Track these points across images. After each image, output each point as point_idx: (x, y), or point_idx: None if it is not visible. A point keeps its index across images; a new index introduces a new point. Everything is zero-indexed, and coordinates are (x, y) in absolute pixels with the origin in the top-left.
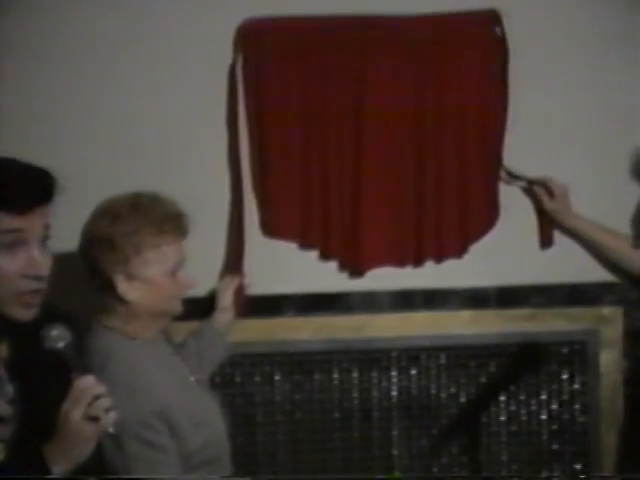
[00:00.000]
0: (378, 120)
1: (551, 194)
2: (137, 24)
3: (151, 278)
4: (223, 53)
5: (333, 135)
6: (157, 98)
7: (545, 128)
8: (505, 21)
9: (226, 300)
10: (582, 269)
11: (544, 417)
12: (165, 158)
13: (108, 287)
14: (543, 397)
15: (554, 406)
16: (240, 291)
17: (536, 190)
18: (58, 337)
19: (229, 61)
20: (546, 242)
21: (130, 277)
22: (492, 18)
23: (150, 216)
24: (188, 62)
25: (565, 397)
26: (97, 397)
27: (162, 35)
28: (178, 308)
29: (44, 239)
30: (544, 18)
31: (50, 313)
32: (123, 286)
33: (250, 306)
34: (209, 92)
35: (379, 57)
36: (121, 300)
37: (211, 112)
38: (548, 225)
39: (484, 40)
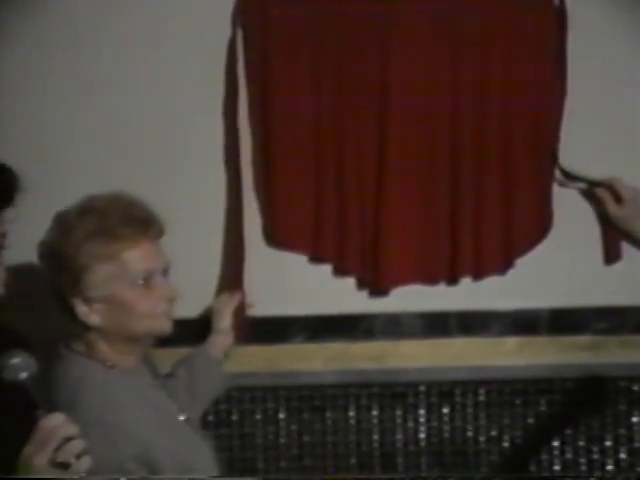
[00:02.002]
0: (405, 107)
1: (618, 198)
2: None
3: (115, 295)
4: (220, 27)
5: (351, 125)
6: (141, 84)
7: (609, 119)
8: None
9: (224, 322)
10: None
11: (610, 468)
12: (151, 153)
13: (68, 311)
14: (608, 444)
15: (622, 455)
16: (240, 312)
17: (599, 194)
18: (19, 367)
19: (227, 36)
20: (612, 256)
21: (88, 299)
22: None
23: (103, 221)
24: (178, 40)
25: (636, 444)
26: (67, 439)
27: (150, 14)
28: (164, 327)
29: None
30: None
31: (9, 338)
32: (82, 310)
33: (252, 330)
34: (203, 74)
35: (406, 30)
36: (85, 325)
37: (206, 97)
38: (614, 236)
39: (539, 7)
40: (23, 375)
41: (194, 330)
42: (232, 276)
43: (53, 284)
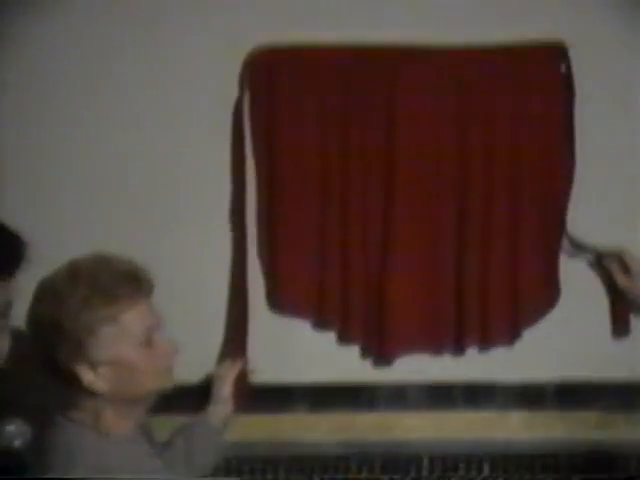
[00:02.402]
0: (411, 173)
1: (627, 270)
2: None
3: (120, 357)
4: (228, 87)
5: (356, 190)
6: (143, 137)
7: (618, 188)
8: (572, 56)
9: (225, 390)
10: None
11: None
12: (153, 212)
13: (71, 380)
14: None
15: None
16: (242, 379)
17: (608, 264)
18: (14, 434)
19: (235, 97)
20: (620, 329)
21: (94, 364)
22: (556, 52)
23: (96, 284)
24: (186, 96)
25: None
26: None
27: (157, 67)
28: (169, 382)
29: (3, 317)
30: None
31: (4, 405)
32: (88, 377)
33: (253, 398)
34: (210, 132)
35: (414, 95)
36: (90, 393)
37: (211, 158)
38: (623, 308)
39: (546, 77)
40: (17, 442)
41: (194, 397)
42: (235, 342)
43: (50, 355)
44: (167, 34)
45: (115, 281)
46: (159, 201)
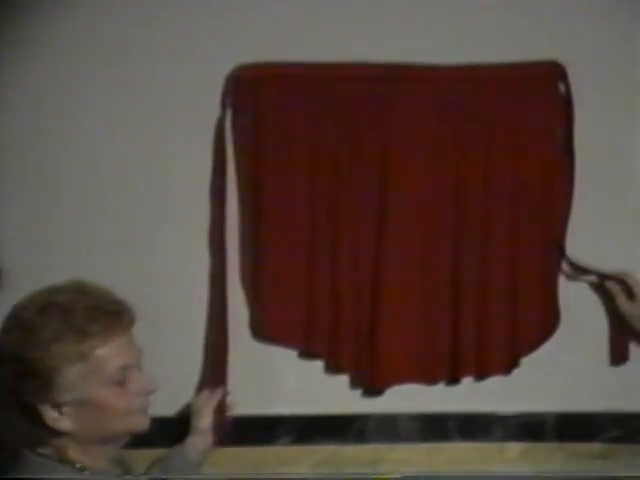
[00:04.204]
0: (405, 199)
1: (630, 294)
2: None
3: (88, 397)
4: (210, 106)
5: (347, 215)
6: (122, 159)
7: (619, 208)
8: (572, 75)
9: (204, 421)
10: None
11: None
12: (130, 238)
13: (34, 417)
14: None
15: None
16: (222, 410)
17: (610, 288)
18: None
19: (216, 116)
20: (619, 356)
21: (59, 403)
22: (554, 71)
23: (69, 318)
24: (168, 116)
25: None
26: None
27: (137, 89)
28: (141, 424)
29: None
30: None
31: None
32: (52, 416)
33: (234, 430)
34: (190, 152)
35: (408, 117)
36: (54, 431)
37: (193, 181)
38: (623, 335)
39: (545, 99)
40: None
41: (171, 430)
42: (214, 371)
43: (15, 390)
44: (147, 55)
45: (90, 316)
46: (136, 225)
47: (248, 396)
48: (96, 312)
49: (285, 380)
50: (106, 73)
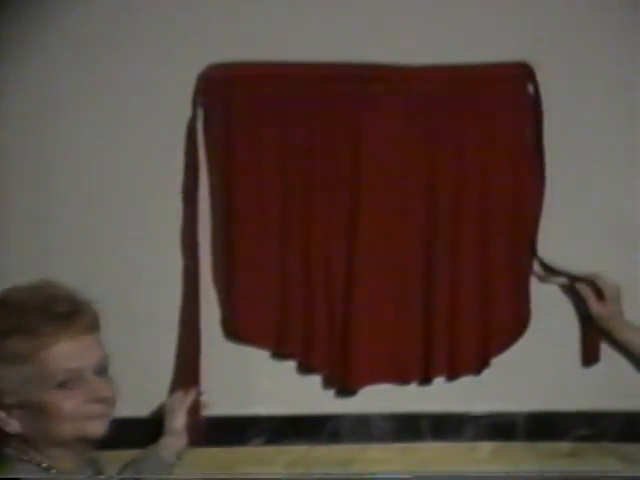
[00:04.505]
0: (377, 198)
1: (600, 295)
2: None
3: (30, 400)
4: (181, 106)
5: (319, 216)
6: (92, 160)
7: (589, 209)
8: (540, 77)
9: (177, 422)
10: (638, 393)
11: None
12: (100, 238)
13: None
14: None
15: None
16: (195, 411)
17: (581, 289)
18: None
19: (187, 116)
20: (590, 357)
21: (5, 405)
22: (522, 72)
23: (20, 317)
24: (139, 117)
25: None
26: None
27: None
28: (92, 430)
29: None
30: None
31: None
32: (1, 416)
33: (207, 431)
34: (161, 152)
35: (380, 118)
36: (5, 432)
37: (161, 179)
38: (594, 336)
39: (514, 99)
40: None
41: (144, 431)
42: (187, 372)
43: None
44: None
45: (38, 317)
46: (107, 225)
47: (221, 397)
48: (46, 313)
49: (258, 380)
50: (75, 72)
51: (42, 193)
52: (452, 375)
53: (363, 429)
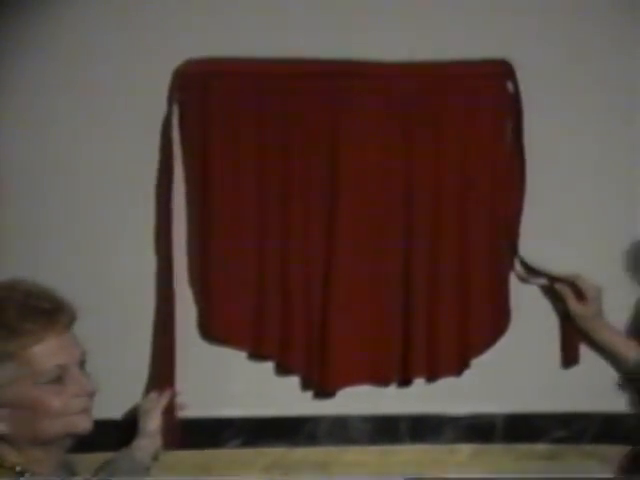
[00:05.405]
0: (355, 198)
1: (580, 296)
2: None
3: (19, 398)
4: (156, 102)
5: (297, 213)
6: (65, 155)
7: (570, 208)
8: (519, 74)
9: (152, 423)
10: (617, 395)
11: None
12: (74, 235)
13: None
14: None
15: None
16: (170, 412)
17: (561, 290)
18: None
19: (162, 112)
20: (570, 358)
21: None
22: (502, 69)
23: (1, 314)
24: (108, 110)
25: None
26: None
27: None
28: (82, 426)
29: None
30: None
31: None
32: None
33: (183, 433)
34: (136, 149)
35: (358, 115)
36: None
37: (136, 177)
38: (573, 337)
39: (494, 97)
40: None
41: (119, 433)
42: (162, 373)
43: None
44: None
45: (22, 314)
46: (80, 224)
47: (198, 398)
48: (30, 310)
49: (235, 381)
50: (50, 68)
51: (18, 192)
52: (431, 376)
53: (341, 431)
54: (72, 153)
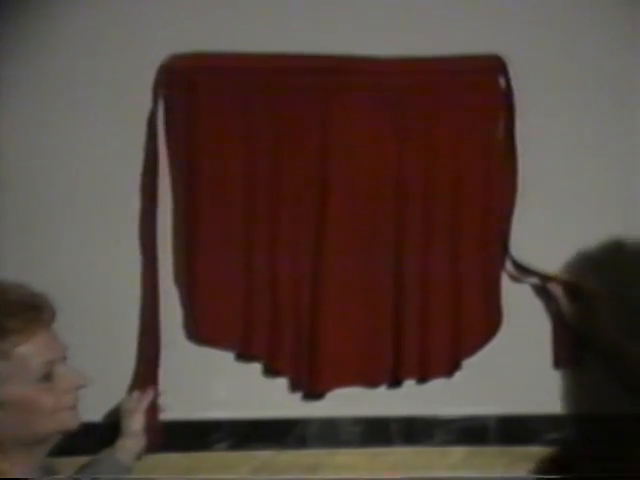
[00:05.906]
0: (345, 195)
1: (572, 296)
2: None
3: (13, 397)
4: (141, 98)
5: (286, 211)
6: (46, 152)
7: (562, 206)
8: (511, 70)
9: (135, 424)
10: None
11: None
12: (58, 233)
13: None
14: None
15: None
16: (153, 414)
17: (553, 289)
18: None
19: (148, 107)
20: (563, 360)
21: None
22: (494, 65)
23: None
24: (93, 106)
25: None
26: None
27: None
28: (72, 422)
29: None
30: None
31: None
32: None
33: (169, 435)
34: (121, 146)
35: (348, 111)
36: None
37: (121, 174)
38: (566, 337)
39: (486, 92)
40: None
41: (99, 436)
42: (146, 372)
43: None
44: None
45: (7, 313)
46: (64, 223)
47: (184, 400)
48: (14, 309)
49: (222, 383)
50: (33, 63)
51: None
52: (423, 378)
53: (331, 433)
54: (55, 149)
